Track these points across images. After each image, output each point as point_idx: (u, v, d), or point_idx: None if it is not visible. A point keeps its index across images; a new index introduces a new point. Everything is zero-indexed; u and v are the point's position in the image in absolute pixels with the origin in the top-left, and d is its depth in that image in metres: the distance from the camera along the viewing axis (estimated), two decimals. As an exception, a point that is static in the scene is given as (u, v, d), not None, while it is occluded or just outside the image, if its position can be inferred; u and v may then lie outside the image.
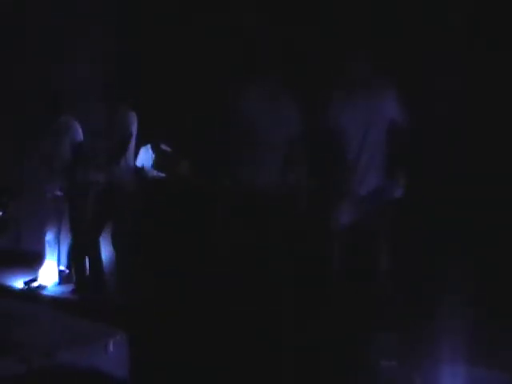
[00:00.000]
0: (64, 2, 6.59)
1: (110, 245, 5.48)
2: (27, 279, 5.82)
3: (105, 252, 5.54)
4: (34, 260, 5.91)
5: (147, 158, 5.97)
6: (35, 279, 5.78)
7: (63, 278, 5.86)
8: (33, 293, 5.64)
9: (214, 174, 5.30)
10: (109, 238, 5.48)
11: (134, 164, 5.71)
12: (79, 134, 5.81)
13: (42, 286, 5.74)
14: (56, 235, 5.84)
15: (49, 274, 5.79)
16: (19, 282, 5.83)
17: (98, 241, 5.41)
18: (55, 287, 5.79)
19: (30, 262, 5.99)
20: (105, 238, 5.51)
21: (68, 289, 5.67)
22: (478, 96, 4.44)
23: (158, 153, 5.91)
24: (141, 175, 5.78)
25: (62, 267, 5.93)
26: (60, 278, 5.86)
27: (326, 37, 5.09)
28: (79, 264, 5.66)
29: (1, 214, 6.25)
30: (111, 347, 2.82)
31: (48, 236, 5.82)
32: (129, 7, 6.48)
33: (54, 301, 5.39)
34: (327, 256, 4.34)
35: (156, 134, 5.99)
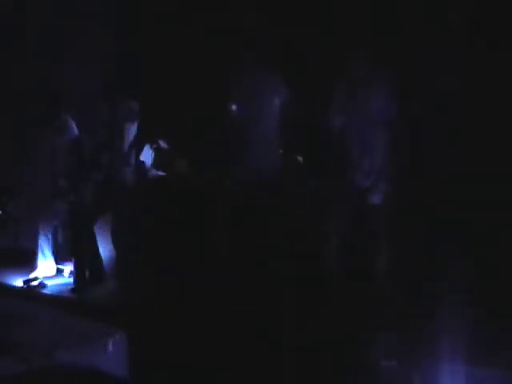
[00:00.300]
0: (64, 2, 6.59)
1: (109, 243, 5.48)
2: (26, 278, 5.81)
3: (105, 250, 5.53)
4: (34, 259, 5.90)
5: (149, 155, 5.98)
6: (34, 278, 5.78)
7: (62, 276, 5.86)
8: (32, 292, 5.63)
9: (212, 173, 5.30)
10: (109, 237, 5.47)
11: (135, 161, 5.70)
12: (77, 133, 5.81)
13: (41, 285, 5.73)
14: (52, 232, 5.83)
15: (47, 272, 5.78)
16: (18, 281, 5.82)
17: (94, 234, 5.39)
18: (54, 285, 5.78)
19: (30, 261, 5.97)
20: (104, 236, 5.51)
21: (67, 288, 5.65)
22: (478, 96, 4.44)
23: (157, 151, 5.91)
24: (142, 171, 5.78)
25: (61, 266, 5.93)
26: (59, 275, 5.85)
27: (326, 37, 5.09)
28: (78, 262, 5.65)
29: (0, 213, 6.24)
30: (111, 347, 2.82)
31: (42, 233, 5.81)
32: (129, 7, 6.48)
33: (54, 300, 5.38)
34: (326, 256, 4.34)
35: (155, 133, 5.99)
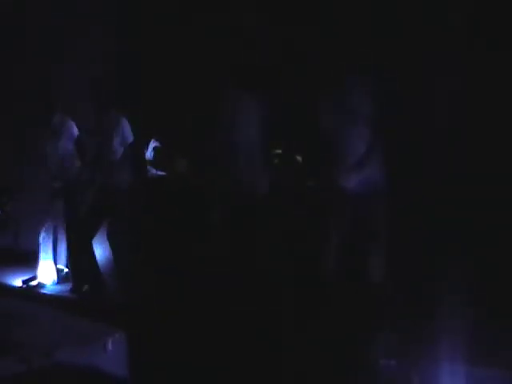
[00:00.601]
0: (64, 2, 6.59)
1: (108, 243, 5.47)
2: (26, 278, 5.81)
3: (104, 251, 5.53)
4: (33, 259, 5.90)
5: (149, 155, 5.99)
6: (34, 278, 5.78)
7: (62, 277, 5.85)
8: (32, 292, 5.63)
9: (211, 173, 5.30)
10: (108, 237, 5.46)
11: (135, 161, 5.69)
12: (76, 132, 5.81)
13: (40, 285, 5.73)
14: (51, 233, 5.83)
15: (47, 273, 5.78)
16: (18, 281, 5.82)
17: (91, 241, 5.36)
18: (54, 286, 5.78)
19: (29, 261, 5.98)
20: (103, 237, 5.50)
21: (66, 287, 5.66)
22: (478, 96, 4.44)
23: (156, 151, 5.91)
24: (141, 171, 5.77)
25: (60, 266, 5.93)
26: (58, 276, 5.85)
27: (314, 37, 5.09)
28: (75, 263, 5.65)
29: (0, 213, 6.25)
30: (110, 346, 2.83)
31: (42, 234, 5.82)
32: (129, 7, 6.49)
33: (53, 300, 5.39)
34: (326, 255, 4.34)
35: (155, 133, 5.99)
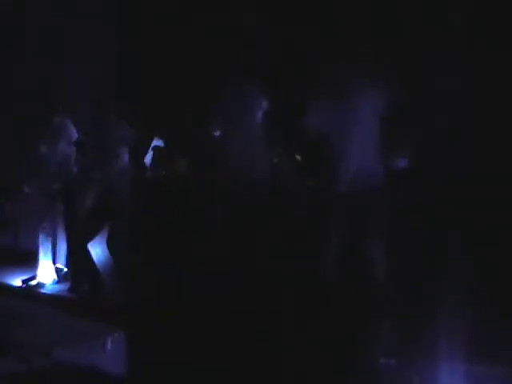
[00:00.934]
0: (64, 2, 6.59)
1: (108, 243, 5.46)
2: (25, 277, 5.81)
3: (104, 251, 5.51)
4: (33, 259, 5.89)
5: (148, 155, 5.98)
6: (33, 277, 5.77)
7: (61, 277, 5.85)
8: (31, 291, 5.62)
9: (211, 173, 5.30)
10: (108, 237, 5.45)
11: (135, 162, 5.68)
12: (74, 133, 5.80)
13: (40, 285, 5.72)
14: (51, 233, 5.82)
15: (47, 273, 5.77)
16: (17, 281, 5.82)
17: (87, 245, 5.34)
18: (53, 285, 5.78)
19: (29, 260, 5.97)
20: (103, 237, 5.49)
21: (66, 287, 5.65)
22: (478, 96, 4.44)
23: (156, 151, 5.91)
24: (141, 171, 5.77)
25: (60, 266, 5.92)
26: (58, 276, 5.84)
27: (314, 37, 5.09)
28: (75, 263, 5.64)
29: (-1, 213, 6.26)
30: (109, 345, 2.82)
31: (42, 234, 5.81)
32: (129, 7, 6.49)
33: (53, 299, 5.37)
34: (326, 255, 4.34)
35: (154, 133, 5.99)
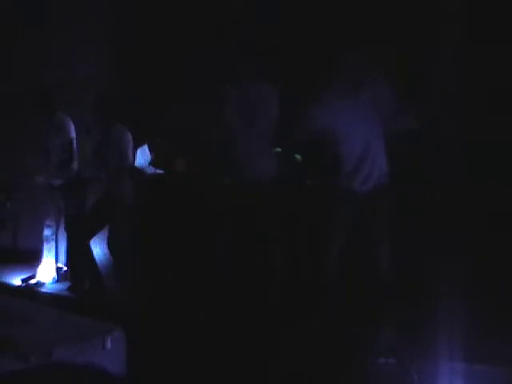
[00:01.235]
0: (64, 2, 6.59)
1: (108, 243, 5.46)
2: (25, 276, 5.81)
3: (104, 250, 5.52)
4: (32, 258, 5.90)
5: (144, 158, 5.95)
6: (33, 276, 5.78)
7: (61, 276, 5.85)
8: (31, 290, 5.63)
9: (211, 171, 5.31)
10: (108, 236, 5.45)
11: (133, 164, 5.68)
12: (73, 131, 5.80)
13: (39, 283, 5.73)
14: (54, 232, 5.83)
15: (46, 271, 5.78)
16: (17, 280, 5.82)
17: (89, 243, 5.34)
18: (53, 284, 5.78)
19: (28, 259, 5.99)
20: (103, 237, 5.49)
21: (65, 286, 5.65)
22: (478, 96, 4.45)
23: (155, 148, 5.89)
24: (138, 175, 5.75)
25: (60, 264, 5.92)
26: (58, 275, 5.84)
27: (321, 37, 5.09)
28: (75, 261, 5.65)
29: (-1, 213, 6.27)
30: (109, 344, 2.82)
31: (46, 232, 5.82)
32: (129, 7, 6.48)
33: (52, 298, 5.38)
34: (327, 254, 4.34)
35: (154, 132, 5.98)
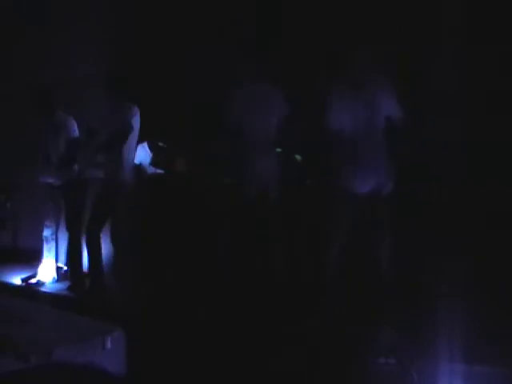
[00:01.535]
0: (64, 2, 6.58)
1: (109, 242, 5.46)
2: (25, 276, 5.81)
3: (104, 249, 5.52)
4: (32, 257, 5.90)
5: (145, 155, 5.95)
6: (33, 276, 5.78)
7: (61, 275, 5.85)
8: (31, 290, 5.63)
9: (211, 171, 5.31)
10: (108, 235, 5.45)
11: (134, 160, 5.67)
12: (75, 130, 5.80)
13: (39, 283, 5.73)
14: (54, 231, 5.82)
15: (47, 271, 5.78)
16: (17, 279, 5.82)
17: (99, 237, 5.35)
18: (53, 284, 5.78)
19: (28, 259, 5.98)
20: (104, 236, 5.49)
21: (65, 285, 5.65)
22: (478, 96, 4.45)
23: (156, 150, 5.90)
24: (138, 173, 5.75)
25: (60, 264, 5.92)
26: (58, 275, 5.84)
27: (326, 37, 5.09)
28: (75, 261, 5.64)
29: (-1, 212, 6.27)
30: (109, 344, 2.81)
31: (46, 232, 5.81)
32: (129, 7, 6.48)
33: (52, 298, 5.37)
34: (327, 254, 4.34)
35: (154, 132, 5.97)
